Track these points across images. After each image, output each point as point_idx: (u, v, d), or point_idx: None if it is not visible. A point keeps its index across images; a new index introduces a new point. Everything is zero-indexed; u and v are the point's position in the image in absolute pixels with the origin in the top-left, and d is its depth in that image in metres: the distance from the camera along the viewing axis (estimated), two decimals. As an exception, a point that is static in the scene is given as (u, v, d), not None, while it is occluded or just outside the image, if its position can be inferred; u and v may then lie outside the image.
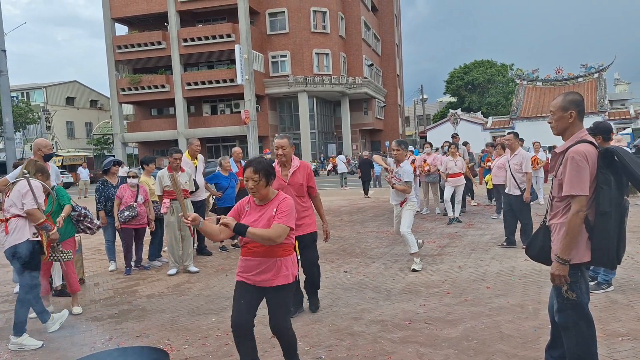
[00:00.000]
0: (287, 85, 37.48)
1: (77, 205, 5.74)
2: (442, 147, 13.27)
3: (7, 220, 4.58)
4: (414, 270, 6.37)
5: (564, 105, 3.00)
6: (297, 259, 3.72)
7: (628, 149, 13.32)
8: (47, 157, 6.05)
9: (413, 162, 11.58)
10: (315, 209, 5.05)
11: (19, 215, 4.56)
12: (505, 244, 7.46)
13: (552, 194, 3.10)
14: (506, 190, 7.62)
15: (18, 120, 35.46)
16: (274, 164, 4.83)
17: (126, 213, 6.98)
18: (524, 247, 6.93)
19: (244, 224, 3.14)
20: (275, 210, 3.27)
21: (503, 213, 7.95)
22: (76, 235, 6.56)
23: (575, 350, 3.03)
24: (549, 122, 3.10)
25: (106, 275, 7.20)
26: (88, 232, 5.80)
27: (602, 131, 5.23)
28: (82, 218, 5.68)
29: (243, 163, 9.18)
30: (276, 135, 4.99)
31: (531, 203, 7.18)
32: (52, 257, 4.97)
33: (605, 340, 3.89)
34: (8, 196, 4.66)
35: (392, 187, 6.51)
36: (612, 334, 4.01)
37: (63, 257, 5.12)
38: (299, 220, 4.56)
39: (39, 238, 4.63)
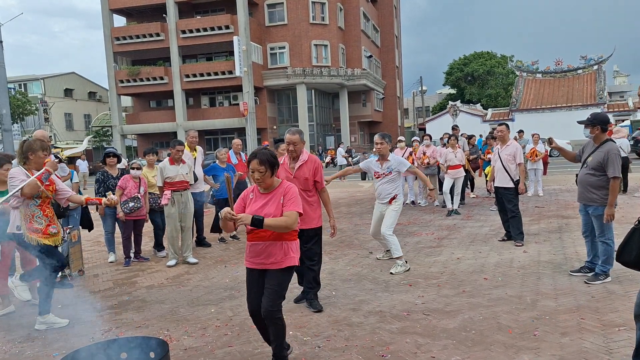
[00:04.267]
0: (285, 77, 37.35)
1: None
2: (441, 139, 13.25)
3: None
4: (392, 273, 5.94)
5: None
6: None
7: (627, 141, 13.27)
8: None
9: (410, 154, 11.57)
10: (323, 203, 5.00)
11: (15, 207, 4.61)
12: (505, 238, 7.44)
13: None
14: (496, 183, 7.43)
15: (15, 111, 35.32)
16: (284, 157, 4.87)
17: (131, 204, 6.99)
18: (517, 243, 6.99)
19: (259, 217, 3.25)
20: (282, 198, 3.41)
21: (498, 207, 7.88)
22: (71, 227, 6.59)
23: None
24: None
25: (105, 267, 7.21)
26: None
27: (600, 122, 5.24)
28: None
29: (242, 155, 9.22)
30: (287, 130, 4.94)
31: (529, 195, 7.24)
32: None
33: (602, 331, 3.91)
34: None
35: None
36: (609, 324, 4.03)
37: None
38: (304, 213, 4.53)
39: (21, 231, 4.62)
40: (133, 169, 7.22)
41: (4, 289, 5.29)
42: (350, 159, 25.96)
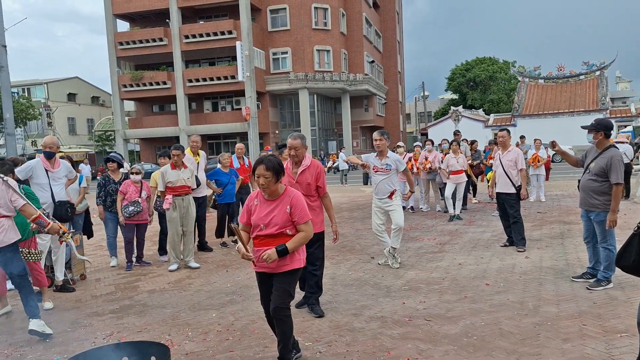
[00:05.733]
0: (287, 82, 37.44)
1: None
2: (440, 145, 13.23)
3: None
4: (385, 263, 6.58)
5: None
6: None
7: (630, 146, 13.26)
8: (48, 155, 6.07)
9: (410, 160, 11.55)
10: (325, 208, 5.02)
11: (6, 216, 4.57)
12: (507, 243, 7.43)
13: None
14: (498, 189, 7.45)
15: (19, 116, 35.42)
16: (286, 162, 4.89)
17: (131, 208, 7.01)
18: (519, 248, 6.98)
19: (283, 247, 3.38)
20: (289, 208, 3.46)
21: (500, 212, 7.87)
22: (73, 231, 6.59)
23: None
24: None
25: (107, 271, 7.22)
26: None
27: (604, 127, 5.24)
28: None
29: (245, 159, 9.26)
30: (290, 135, 4.98)
31: (531, 200, 7.23)
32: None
33: (604, 337, 3.90)
34: None
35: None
36: (611, 330, 4.03)
37: (30, 258, 5.17)
38: None
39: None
40: (133, 174, 7.25)
41: (2, 288, 5.32)
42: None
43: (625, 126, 29.80)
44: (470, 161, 12.14)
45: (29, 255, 5.14)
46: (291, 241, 3.42)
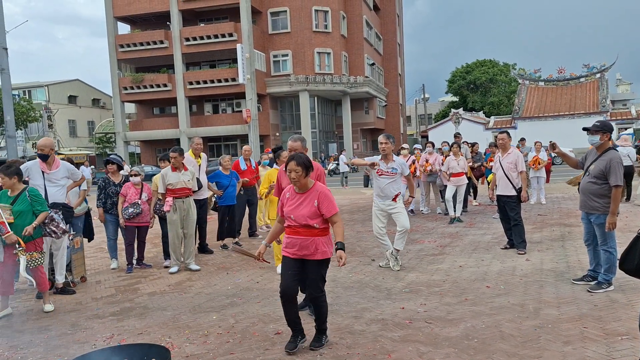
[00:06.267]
0: (288, 84, 37.49)
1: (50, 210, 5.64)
2: (439, 148, 13.22)
3: None
4: (386, 265, 6.61)
5: None
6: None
7: (633, 148, 13.23)
8: (42, 157, 6.07)
9: (413, 162, 11.55)
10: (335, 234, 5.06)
11: None
12: (508, 246, 7.43)
13: None
14: (498, 191, 7.44)
15: (20, 118, 35.49)
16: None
17: (130, 210, 7.01)
18: (519, 251, 6.97)
19: (340, 243, 3.82)
20: (316, 202, 3.87)
21: (500, 215, 7.86)
22: (73, 234, 6.60)
23: None
24: None
25: (108, 273, 7.22)
26: (53, 236, 5.63)
27: (609, 129, 5.24)
28: (47, 221, 5.54)
29: (252, 161, 9.31)
30: (290, 137, 5.02)
31: (531, 203, 7.22)
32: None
33: (604, 340, 3.90)
34: None
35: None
36: (612, 333, 4.02)
37: (31, 264, 5.18)
38: None
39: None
40: (132, 176, 7.25)
41: (9, 289, 5.35)
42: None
43: (626, 129, 29.82)
44: (471, 163, 12.14)
45: (31, 262, 5.16)
46: (338, 235, 3.86)
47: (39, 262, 5.30)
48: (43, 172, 6.04)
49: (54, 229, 5.57)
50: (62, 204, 6.08)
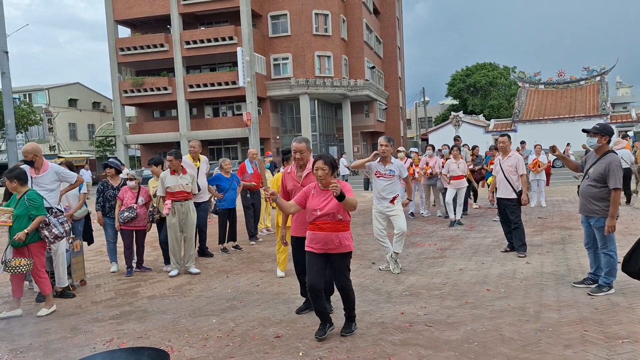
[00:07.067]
0: (288, 87, 37.52)
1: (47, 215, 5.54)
2: (439, 150, 13.23)
3: None
4: (386, 268, 6.58)
5: None
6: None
7: (627, 150, 13.22)
8: (27, 162, 6.04)
9: (411, 165, 11.55)
10: None
11: None
12: (508, 249, 7.42)
13: None
14: (498, 194, 7.44)
15: (20, 121, 35.49)
16: (291, 166, 5.07)
17: (125, 214, 7.01)
18: (520, 254, 6.96)
19: (344, 195, 4.00)
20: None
21: (500, 218, 7.84)
22: (73, 237, 6.59)
23: None
24: None
25: (107, 277, 7.21)
26: (46, 240, 5.47)
27: (609, 132, 5.24)
28: (42, 225, 5.42)
29: (257, 164, 9.33)
30: (294, 138, 5.08)
31: (532, 206, 7.21)
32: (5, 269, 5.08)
33: (605, 343, 3.89)
34: None
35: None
36: (613, 336, 4.01)
37: (15, 270, 5.15)
38: None
39: None
40: (128, 179, 7.26)
41: (19, 290, 5.41)
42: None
43: (627, 131, 29.82)
44: (472, 166, 12.15)
45: (17, 267, 5.13)
46: (348, 196, 4.04)
47: (22, 270, 5.19)
48: (31, 177, 6.04)
49: (47, 233, 5.42)
50: (49, 208, 5.96)
